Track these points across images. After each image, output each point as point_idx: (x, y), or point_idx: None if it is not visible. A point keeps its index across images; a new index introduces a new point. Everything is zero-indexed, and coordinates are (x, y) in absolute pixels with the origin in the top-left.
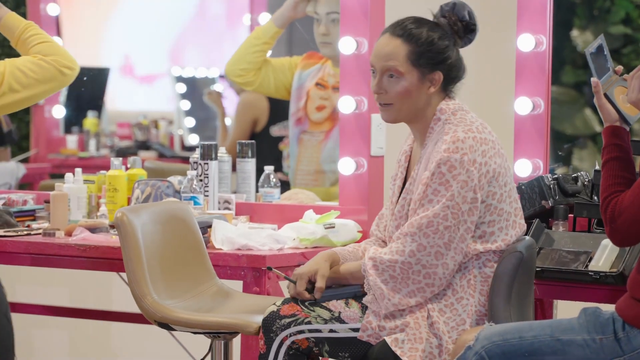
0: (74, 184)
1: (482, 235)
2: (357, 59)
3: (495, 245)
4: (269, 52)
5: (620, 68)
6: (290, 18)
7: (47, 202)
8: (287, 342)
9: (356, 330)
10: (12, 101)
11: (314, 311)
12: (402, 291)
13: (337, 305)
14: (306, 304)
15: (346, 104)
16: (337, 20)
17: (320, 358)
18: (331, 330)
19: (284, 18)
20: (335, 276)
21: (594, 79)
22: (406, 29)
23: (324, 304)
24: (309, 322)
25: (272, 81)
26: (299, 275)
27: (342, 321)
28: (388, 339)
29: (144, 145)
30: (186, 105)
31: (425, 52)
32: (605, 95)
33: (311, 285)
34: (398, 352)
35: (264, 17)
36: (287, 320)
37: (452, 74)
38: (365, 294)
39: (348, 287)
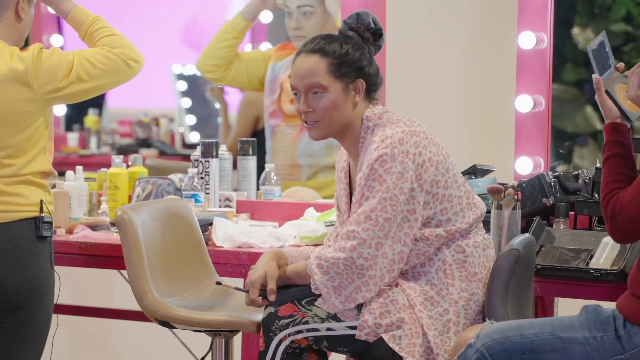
0: (74, 181)
1: (439, 224)
2: None
3: (456, 227)
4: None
5: (621, 65)
6: (259, 11)
7: None
8: (286, 342)
9: (353, 327)
10: (78, 90)
11: (310, 310)
12: (348, 287)
13: None
14: (303, 302)
15: None
16: (309, 14)
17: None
18: (328, 329)
19: (253, 11)
20: (282, 276)
21: (595, 76)
22: (320, 45)
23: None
24: (307, 322)
25: (244, 75)
26: (250, 283)
27: (338, 319)
28: (385, 337)
29: (145, 143)
30: (187, 103)
31: (344, 62)
32: (607, 92)
33: (264, 289)
34: (396, 349)
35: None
36: (286, 321)
37: (372, 81)
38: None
39: (303, 287)
